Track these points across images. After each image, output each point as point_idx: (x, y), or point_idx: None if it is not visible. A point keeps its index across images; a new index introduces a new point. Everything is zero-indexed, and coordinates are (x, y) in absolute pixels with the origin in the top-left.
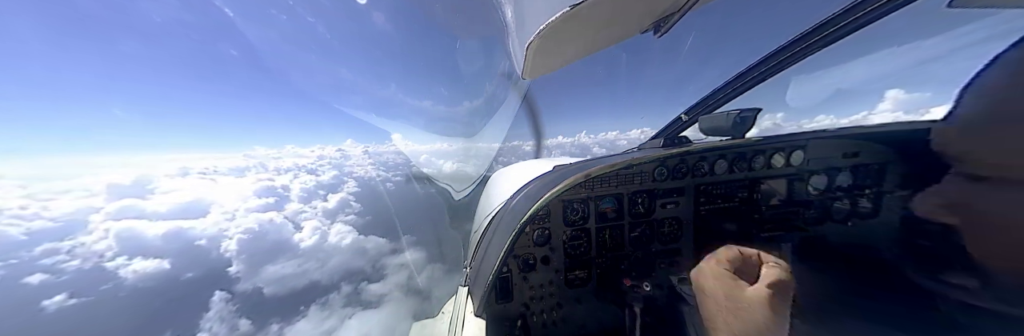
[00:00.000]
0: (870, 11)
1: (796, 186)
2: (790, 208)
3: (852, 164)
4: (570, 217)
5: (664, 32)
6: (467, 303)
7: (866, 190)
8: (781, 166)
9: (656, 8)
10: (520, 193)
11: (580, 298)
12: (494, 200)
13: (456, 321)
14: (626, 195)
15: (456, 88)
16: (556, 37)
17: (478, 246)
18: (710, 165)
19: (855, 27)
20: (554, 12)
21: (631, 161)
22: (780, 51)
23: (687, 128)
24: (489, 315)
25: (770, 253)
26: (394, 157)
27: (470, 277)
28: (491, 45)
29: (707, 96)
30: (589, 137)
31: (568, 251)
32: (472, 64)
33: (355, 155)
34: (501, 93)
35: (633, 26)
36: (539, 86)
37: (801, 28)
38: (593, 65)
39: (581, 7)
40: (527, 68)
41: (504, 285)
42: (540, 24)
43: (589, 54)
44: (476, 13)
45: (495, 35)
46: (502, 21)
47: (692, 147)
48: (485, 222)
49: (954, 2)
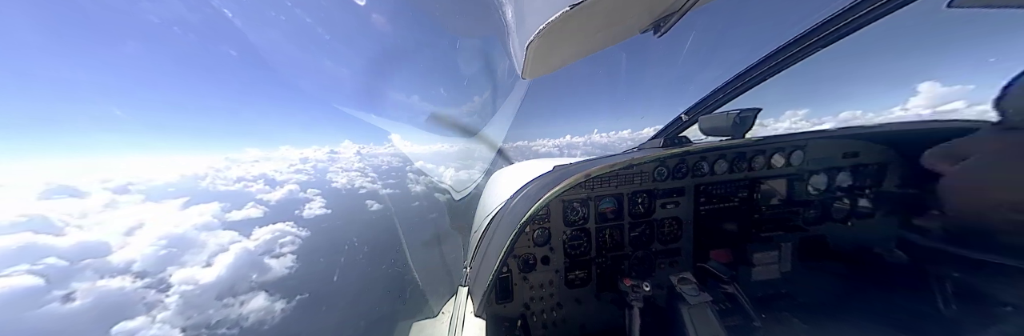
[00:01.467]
0: (870, 11)
1: (796, 186)
2: (790, 208)
3: (852, 164)
4: (570, 217)
5: (664, 32)
6: (467, 303)
7: (866, 190)
8: (781, 166)
9: (656, 8)
10: (520, 193)
11: (580, 298)
12: (494, 200)
13: (456, 321)
14: (626, 195)
15: (456, 88)
16: (556, 37)
17: (478, 246)
18: (710, 165)
19: (855, 27)
20: (554, 12)
21: (631, 161)
22: (780, 51)
23: (687, 128)
24: (489, 315)
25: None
26: (390, 159)
27: (470, 277)
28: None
29: (707, 96)
30: (594, 136)
31: (568, 251)
32: (472, 64)
33: (345, 158)
34: (501, 93)
35: (633, 26)
36: (539, 86)
37: (801, 28)
38: (593, 65)
39: (581, 7)
40: (527, 68)
41: (504, 285)
42: (540, 24)
43: (589, 54)
44: (476, 13)
45: (495, 35)
46: (502, 21)
47: (692, 147)
48: (485, 222)
49: (954, 2)
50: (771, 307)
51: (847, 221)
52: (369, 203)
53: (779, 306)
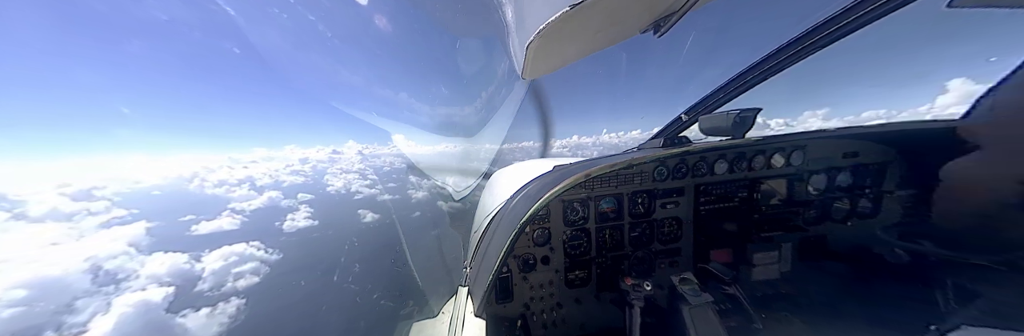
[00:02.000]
0: (870, 11)
1: (796, 186)
2: (790, 208)
3: (852, 164)
4: (570, 217)
5: (664, 32)
6: (467, 303)
7: (866, 190)
8: (781, 166)
9: (656, 8)
10: (520, 193)
11: (580, 298)
12: (494, 200)
13: (456, 321)
14: (626, 195)
15: (457, 88)
16: (556, 37)
17: (478, 246)
18: (710, 165)
19: (855, 27)
20: (554, 12)
21: (631, 161)
22: (780, 51)
23: (687, 128)
24: (489, 315)
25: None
26: (392, 159)
27: (470, 277)
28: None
29: (707, 96)
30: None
31: (568, 251)
32: (472, 64)
33: (347, 159)
34: (501, 93)
35: (633, 26)
36: (539, 86)
37: (801, 28)
38: (593, 65)
39: (581, 7)
40: (527, 68)
41: (504, 285)
42: (540, 24)
43: (589, 54)
44: (476, 13)
45: (495, 35)
46: (502, 21)
47: (692, 147)
48: (485, 222)
49: (954, 2)
50: (771, 307)
51: (847, 221)
52: (362, 213)
53: (779, 306)
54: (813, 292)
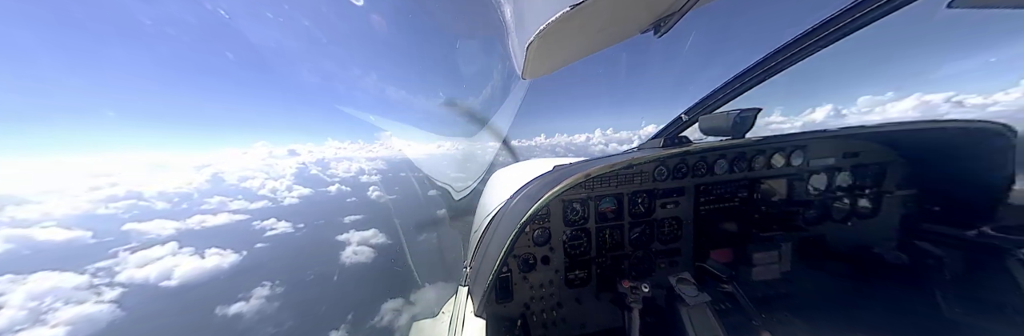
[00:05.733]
0: (870, 11)
1: (796, 186)
2: (790, 208)
3: (852, 164)
4: (570, 217)
5: (664, 32)
6: (467, 303)
7: (866, 190)
8: (781, 166)
9: (656, 8)
10: (520, 193)
11: (580, 298)
12: (494, 200)
13: (456, 321)
14: (626, 195)
15: (456, 88)
16: (556, 37)
17: (478, 246)
18: (710, 165)
19: (855, 27)
20: (554, 12)
21: (631, 161)
22: (780, 51)
23: (687, 128)
24: (489, 315)
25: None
26: (392, 159)
27: (470, 277)
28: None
29: (707, 96)
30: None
31: (568, 251)
32: (472, 64)
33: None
34: (501, 93)
35: (633, 26)
36: (539, 86)
37: (801, 28)
38: (593, 65)
39: (581, 7)
40: (527, 68)
41: (504, 285)
42: (540, 24)
43: (589, 54)
44: (476, 13)
45: (495, 35)
46: (502, 21)
47: (692, 147)
48: (485, 222)
49: (954, 2)
50: (771, 307)
51: (847, 221)
52: (350, 220)
53: (779, 306)
54: (813, 292)
